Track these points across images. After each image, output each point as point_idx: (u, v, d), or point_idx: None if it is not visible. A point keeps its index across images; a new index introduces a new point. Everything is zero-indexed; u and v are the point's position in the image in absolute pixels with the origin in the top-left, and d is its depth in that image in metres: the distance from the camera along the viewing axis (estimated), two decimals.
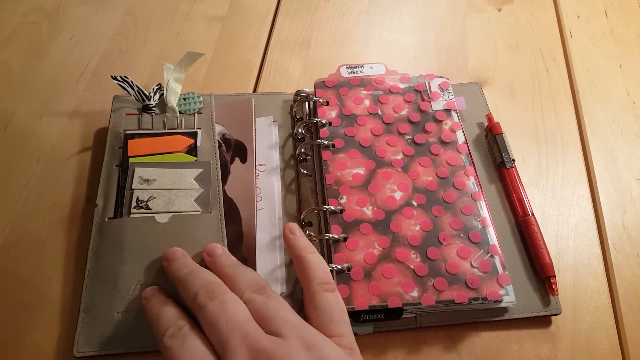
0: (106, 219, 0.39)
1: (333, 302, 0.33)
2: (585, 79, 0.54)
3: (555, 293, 0.38)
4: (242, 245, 0.39)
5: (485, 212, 0.40)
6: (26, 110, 0.49)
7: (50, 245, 0.41)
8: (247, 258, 0.39)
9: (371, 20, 0.59)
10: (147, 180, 0.40)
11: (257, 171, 0.44)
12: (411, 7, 0.60)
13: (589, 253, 0.43)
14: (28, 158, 0.46)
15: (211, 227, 0.39)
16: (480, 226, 0.39)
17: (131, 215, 0.39)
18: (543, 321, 0.39)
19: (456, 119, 0.45)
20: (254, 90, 0.52)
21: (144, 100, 0.45)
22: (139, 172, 0.40)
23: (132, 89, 0.44)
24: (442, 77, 0.48)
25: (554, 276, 0.39)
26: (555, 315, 0.39)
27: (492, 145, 0.46)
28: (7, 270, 0.39)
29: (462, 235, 0.39)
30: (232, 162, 0.44)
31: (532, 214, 0.42)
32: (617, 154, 0.49)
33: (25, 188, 0.44)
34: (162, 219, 0.38)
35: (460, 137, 0.44)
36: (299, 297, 0.38)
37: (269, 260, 0.40)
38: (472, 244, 0.38)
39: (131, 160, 0.42)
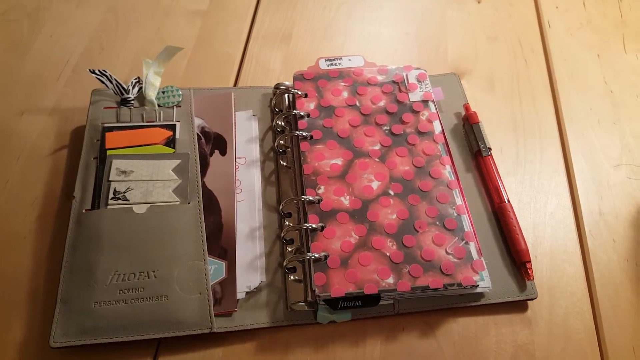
0: (84, 211, 0.39)
1: None
2: (563, 68, 0.55)
3: (531, 278, 0.39)
4: (221, 235, 0.40)
5: (460, 200, 0.41)
6: (7, 108, 0.49)
7: (31, 240, 0.41)
8: (227, 248, 0.39)
9: (352, 14, 0.59)
10: (124, 172, 0.40)
11: (237, 164, 0.44)
12: (391, 0, 0.61)
13: (566, 239, 0.43)
14: (9, 155, 0.46)
15: (190, 218, 0.39)
16: (455, 214, 0.40)
17: (108, 207, 0.39)
18: (520, 306, 0.40)
19: (433, 110, 0.46)
20: (235, 85, 0.52)
21: (123, 94, 0.45)
22: (117, 164, 0.41)
23: (111, 82, 0.45)
24: (419, 69, 0.48)
25: (530, 261, 0.39)
26: (532, 299, 0.39)
27: (469, 134, 0.46)
28: None
29: (437, 223, 0.39)
30: (211, 155, 0.44)
31: (509, 201, 0.42)
32: (594, 142, 0.49)
33: (6, 185, 0.44)
34: (139, 209, 0.38)
35: (437, 127, 0.45)
36: (279, 285, 0.39)
37: (248, 250, 0.40)
38: (447, 231, 0.39)
39: (109, 152, 0.42)
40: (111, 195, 0.39)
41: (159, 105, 0.45)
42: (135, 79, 0.46)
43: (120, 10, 0.57)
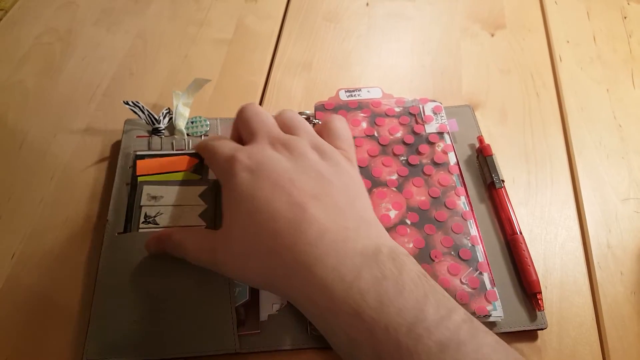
0: (116, 234, 0.41)
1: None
2: (573, 102, 0.56)
3: (542, 308, 0.40)
4: None
5: (474, 231, 0.42)
6: (40, 129, 0.51)
7: (63, 259, 0.43)
8: None
9: (370, 45, 0.61)
10: (154, 197, 0.42)
11: None
12: (408, 33, 0.63)
13: (575, 271, 0.45)
14: (42, 175, 0.48)
15: None
16: (470, 244, 0.41)
17: (140, 230, 0.41)
18: (530, 336, 0.41)
19: (448, 141, 0.48)
20: None
21: (154, 124, 0.47)
22: (147, 190, 0.43)
23: (143, 113, 0.47)
24: (435, 101, 0.50)
25: (541, 292, 0.41)
26: (542, 329, 0.41)
27: (483, 166, 0.48)
28: (22, 282, 0.41)
29: (452, 252, 0.41)
30: None
31: (521, 233, 0.44)
32: (603, 176, 0.51)
33: (39, 204, 0.46)
34: None
35: (452, 158, 0.47)
36: None
37: None
38: (462, 261, 0.41)
39: (140, 179, 0.44)
40: (142, 219, 0.41)
41: (187, 135, 0.48)
42: (166, 109, 0.48)
43: (149, 36, 0.60)
